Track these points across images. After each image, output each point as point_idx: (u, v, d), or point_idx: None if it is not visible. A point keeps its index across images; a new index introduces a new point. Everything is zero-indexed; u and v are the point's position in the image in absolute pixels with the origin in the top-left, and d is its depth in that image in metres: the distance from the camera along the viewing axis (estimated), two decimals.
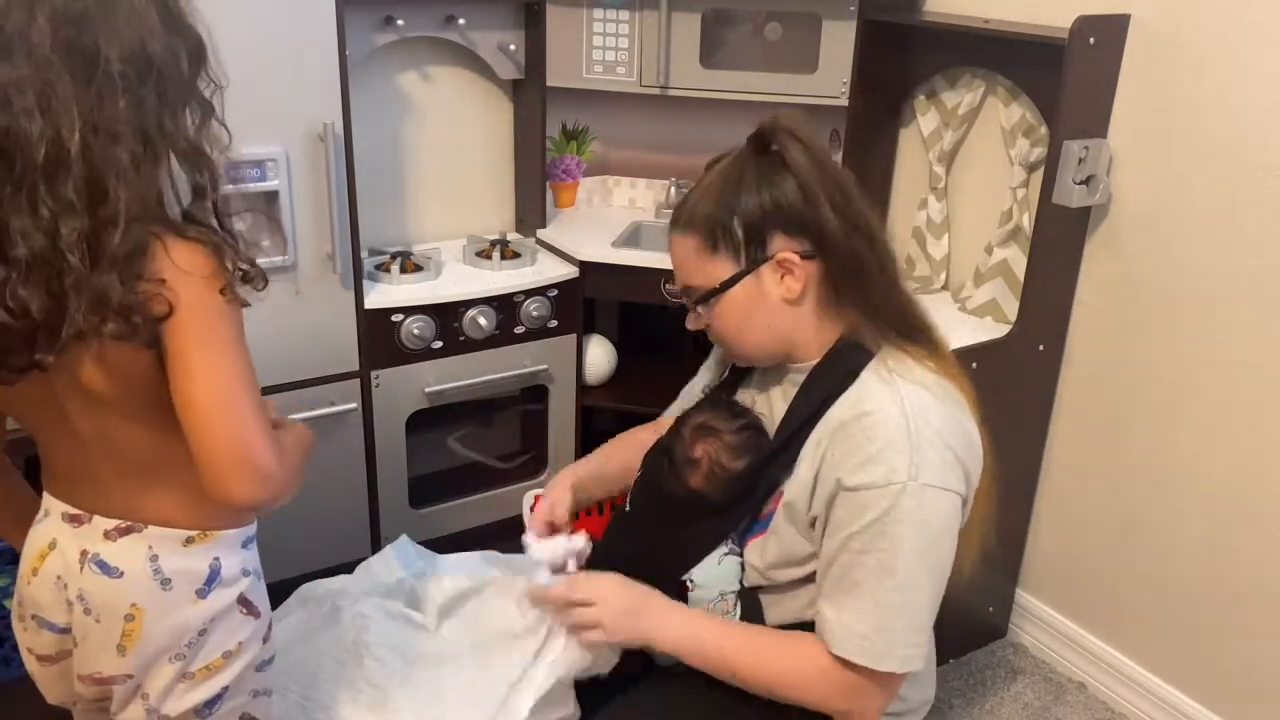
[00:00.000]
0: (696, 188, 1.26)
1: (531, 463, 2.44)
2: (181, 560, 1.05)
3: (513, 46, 2.30)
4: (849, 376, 1.21)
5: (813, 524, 1.22)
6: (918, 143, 2.25)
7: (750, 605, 1.32)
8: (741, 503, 1.29)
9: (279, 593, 1.47)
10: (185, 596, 1.05)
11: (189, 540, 1.05)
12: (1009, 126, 2.03)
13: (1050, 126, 1.87)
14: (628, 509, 1.46)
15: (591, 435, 2.40)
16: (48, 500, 1.10)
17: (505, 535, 2.43)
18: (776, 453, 1.25)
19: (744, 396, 1.39)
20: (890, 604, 1.15)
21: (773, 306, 1.23)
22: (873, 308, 1.22)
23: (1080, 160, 1.78)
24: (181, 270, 0.95)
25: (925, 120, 2.20)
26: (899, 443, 1.14)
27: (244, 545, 1.12)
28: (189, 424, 0.96)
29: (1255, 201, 1.67)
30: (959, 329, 1.99)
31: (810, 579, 1.26)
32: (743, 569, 1.32)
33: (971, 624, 2.18)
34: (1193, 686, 1.91)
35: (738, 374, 1.40)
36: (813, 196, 1.18)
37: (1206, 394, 1.79)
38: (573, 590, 1.27)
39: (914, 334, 1.24)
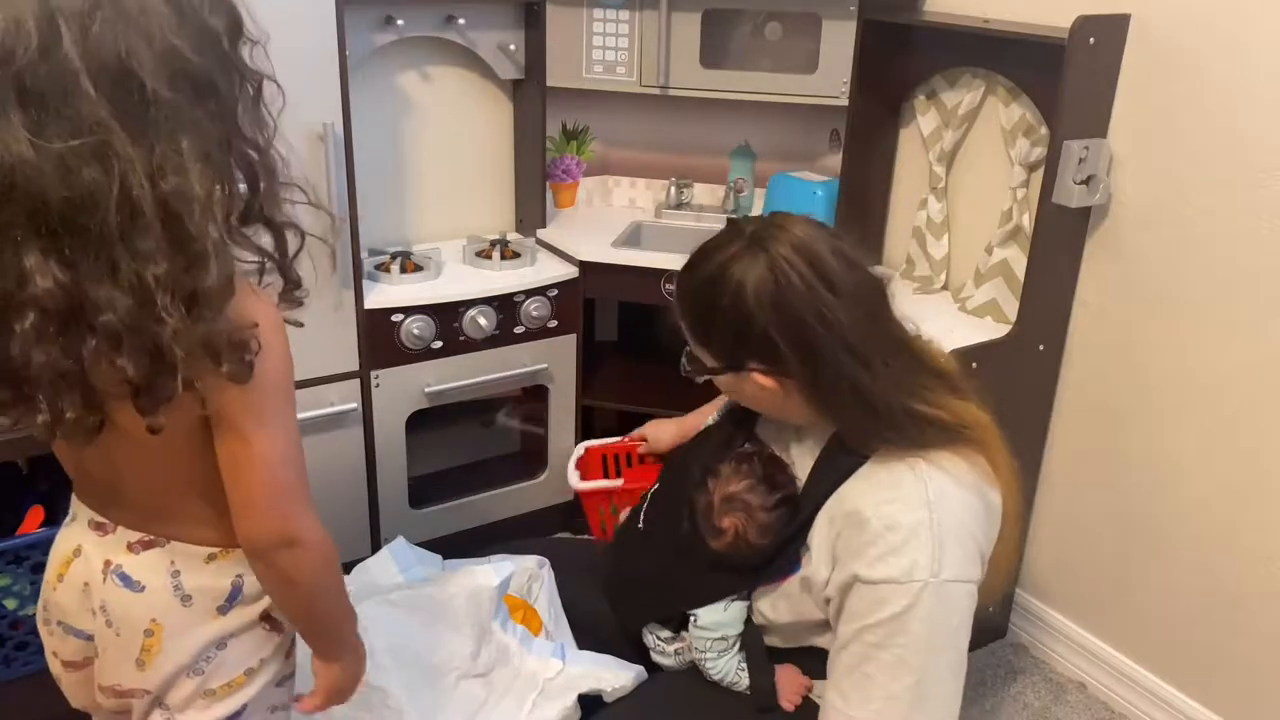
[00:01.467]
0: (689, 273, 1.22)
1: (531, 463, 2.44)
2: (203, 577, 1.03)
3: (513, 46, 2.30)
4: (861, 456, 1.18)
5: (827, 602, 1.19)
6: (918, 143, 2.25)
7: (753, 640, 1.32)
8: (758, 569, 1.27)
9: None
10: (206, 613, 1.03)
11: (211, 557, 1.03)
12: (1009, 126, 2.03)
13: (1050, 126, 1.87)
14: (641, 526, 1.44)
15: (592, 436, 2.40)
16: (75, 504, 1.08)
17: (505, 535, 2.44)
18: (800, 528, 1.22)
19: (763, 428, 1.36)
20: (905, 701, 1.11)
21: (756, 395, 1.22)
22: (856, 423, 1.17)
23: (1080, 160, 1.78)
24: (266, 309, 0.92)
25: (925, 120, 2.20)
26: (922, 535, 1.10)
27: None
28: (235, 485, 0.95)
29: (1255, 201, 1.67)
30: (959, 329, 1.99)
31: (818, 625, 1.25)
32: (749, 611, 1.32)
33: (972, 624, 2.17)
34: (1193, 686, 1.91)
35: None
36: (766, 333, 1.14)
37: (1206, 394, 1.79)
38: None
39: (918, 435, 1.17)
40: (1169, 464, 1.87)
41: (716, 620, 1.31)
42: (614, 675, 1.37)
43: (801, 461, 1.28)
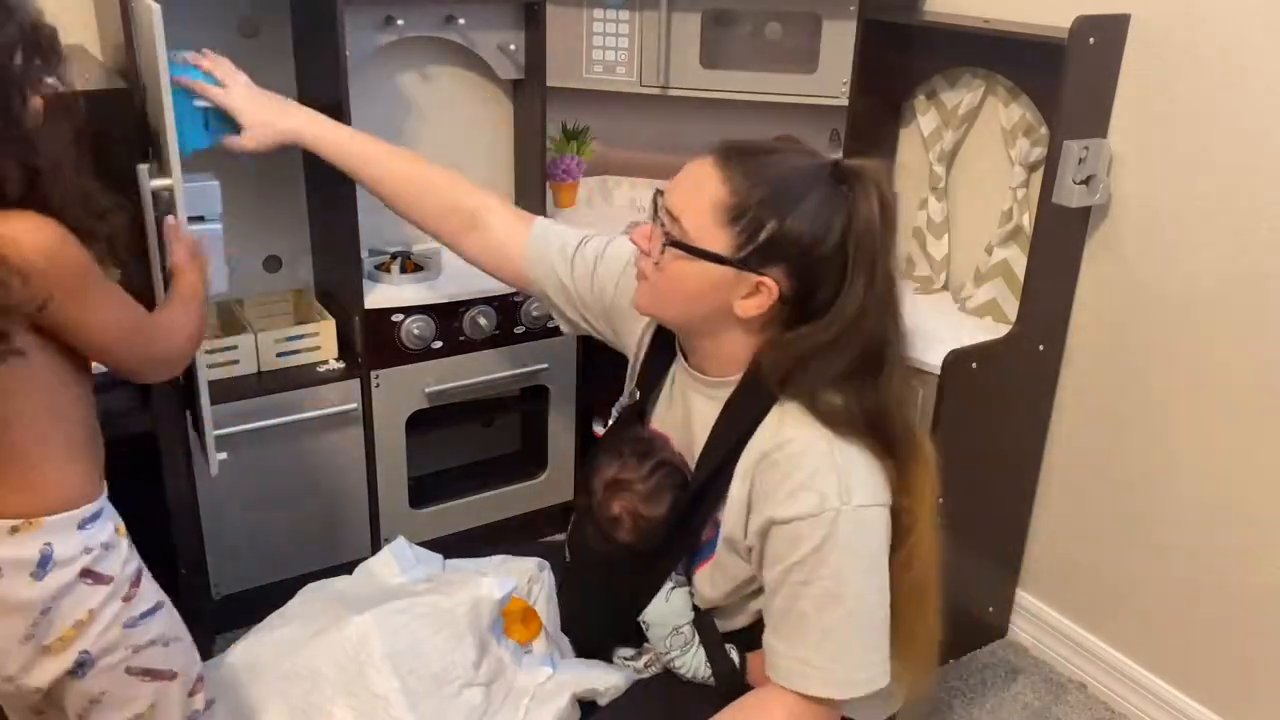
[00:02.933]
0: (768, 154, 1.17)
1: (531, 463, 2.44)
2: (8, 549, 1.04)
3: (513, 46, 2.30)
4: (770, 400, 1.17)
5: (749, 552, 1.20)
6: (918, 143, 2.25)
7: (705, 627, 1.31)
8: (677, 541, 1.26)
9: (280, 593, 1.47)
10: (20, 582, 1.05)
11: (14, 529, 1.05)
12: (1009, 126, 2.03)
13: (1050, 126, 1.87)
14: (568, 560, 1.44)
15: (591, 436, 2.41)
16: None
17: (505, 535, 2.44)
18: (703, 486, 1.21)
19: (660, 411, 1.34)
20: (842, 630, 1.12)
21: (721, 307, 1.17)
22: (784, 368, 1.15)
23: (1080, 160, 1.78)
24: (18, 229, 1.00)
25: (925, 120, 2.20)
26: (825, 467, 1.11)
27: (81, 527, 1.10)
28: (111, 362, 1.15)
29: (1255, 201, 1.67)
30: (959, 329, 1.99)
31: (753, 588, 1.24)
32: (692, 596, 1.30)
33: (971, 624, 2.18)
34: (1193, 686, 1.91)
35: (647, 389, 1.36)
36: (834, 265, 1.11)
37: (1206, 394, 1.79)
38: None
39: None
40: (1169, 464, 1.87)
41: (661, 614, 1.30)
42: (605, 677, 1.37)
43: (702, 432, 1.25)
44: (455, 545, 2.01)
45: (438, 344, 2.11)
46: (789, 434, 1.14)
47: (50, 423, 1.08)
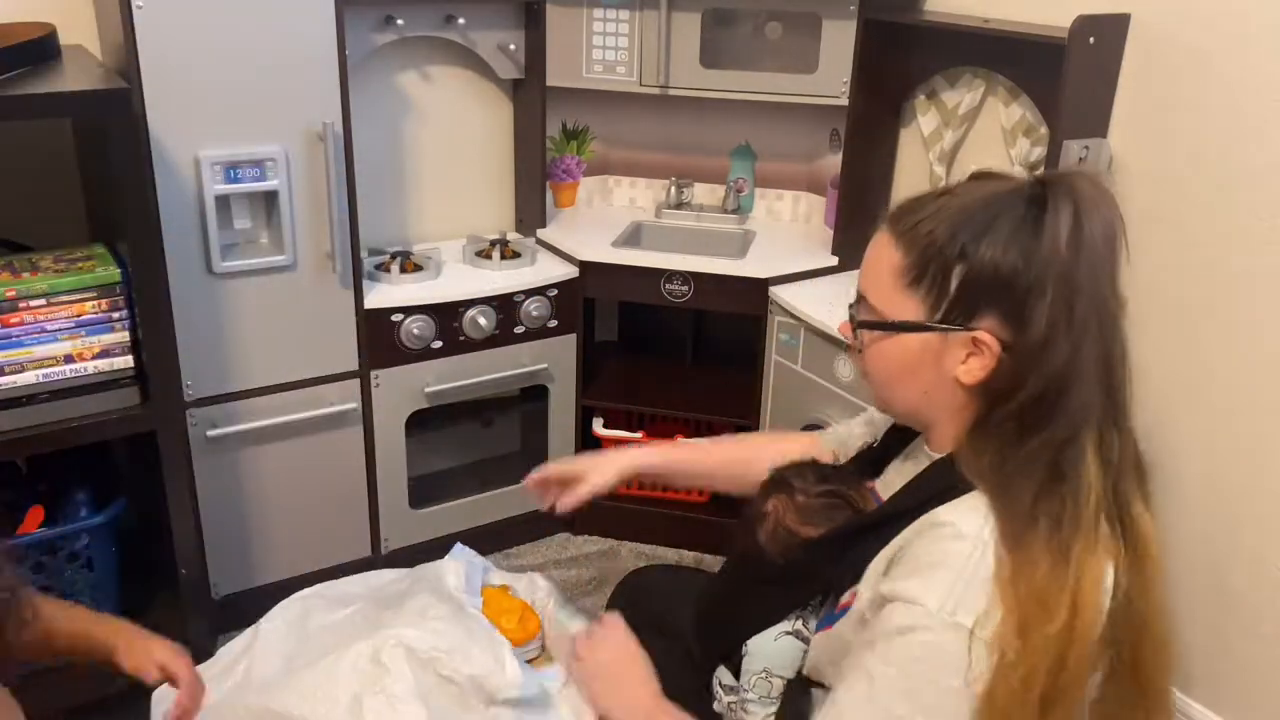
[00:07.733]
0: (943, 195, 1.01)
1: (531, 463, 2.43)
2: None
3: (513, 46, 2.30)
4: (964, 485, 0.98)
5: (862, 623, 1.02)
6: (918, 143, 2.25)
7: (796, 697, 1.15)
8: (809, 576, 1.13)
9: (281, 593, 1.46)
10: None
11: None
12: (1009, 126, 2.03)
13: (1050, 126, 1.87)
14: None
15: (591, 435, 2.41)
16: None
17: (505, 535, 2.44)
18: (856, 535, 1.06)
19: (893, 469, 1.19)
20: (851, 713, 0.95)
21: (942, 377, 1.00)
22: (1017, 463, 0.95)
23: (1080, 160, 1.78)
24: None
25: (925, 120, 2.20)
26: (956, 568, 0.92)
27: None
28: None
29: (1255, 201, 1.67)
30: None
31: None
32: (805, 655, 1.17)
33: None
34: (1193, 686, 1.91)
35: (891, 442, 1.20)
36: (1040, 289, 0.95)
37: (1207, 394, 1.79)
38: (580, 645, 1.26)
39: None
40: (1169, 464, 1.87)
41: (762, 649, 1.18)
42: None
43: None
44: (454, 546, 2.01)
45: (437, 344, 2.11)
46: (952, 516, 0.96)
47: None
